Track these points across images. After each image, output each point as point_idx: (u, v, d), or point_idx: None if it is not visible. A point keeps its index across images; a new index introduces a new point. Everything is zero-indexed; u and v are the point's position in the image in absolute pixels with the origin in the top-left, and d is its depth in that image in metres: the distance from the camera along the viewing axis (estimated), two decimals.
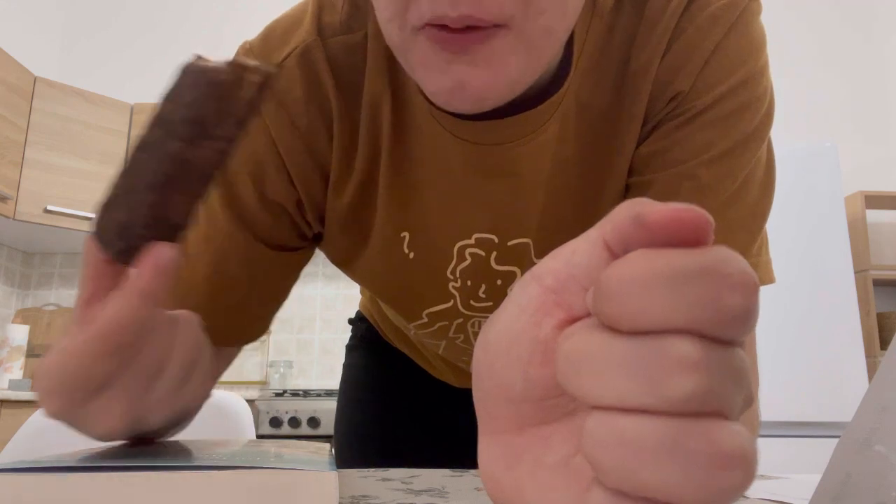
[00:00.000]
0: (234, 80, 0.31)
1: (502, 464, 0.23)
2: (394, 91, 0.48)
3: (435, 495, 0.39)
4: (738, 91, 0.45)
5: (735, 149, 0.46)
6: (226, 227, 0.51)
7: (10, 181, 2.53)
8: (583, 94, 0.48)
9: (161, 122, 0.31)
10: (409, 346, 0.81)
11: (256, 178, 0.50)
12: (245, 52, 0.50)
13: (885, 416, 0.24)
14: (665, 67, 0.46)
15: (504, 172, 0.49)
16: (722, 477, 0.15)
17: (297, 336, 3.07)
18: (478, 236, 0.52)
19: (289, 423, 2.36)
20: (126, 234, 0.33)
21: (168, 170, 0.31)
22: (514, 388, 0.22)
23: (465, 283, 0.55)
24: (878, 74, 3.27)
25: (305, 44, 0.48)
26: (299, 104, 0.48)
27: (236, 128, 0.32)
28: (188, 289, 0.52)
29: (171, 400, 0.36)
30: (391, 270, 0.55)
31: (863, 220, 2.83)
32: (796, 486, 0.46)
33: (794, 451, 2.31)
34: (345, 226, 0.53)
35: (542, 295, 0.21)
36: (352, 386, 0.88)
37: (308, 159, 0.50)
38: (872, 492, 0.23)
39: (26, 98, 2.64)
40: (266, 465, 0.31)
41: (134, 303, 0.32)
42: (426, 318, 0.59)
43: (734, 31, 0.45)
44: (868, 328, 2.69)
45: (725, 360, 0.16)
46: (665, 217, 0.17)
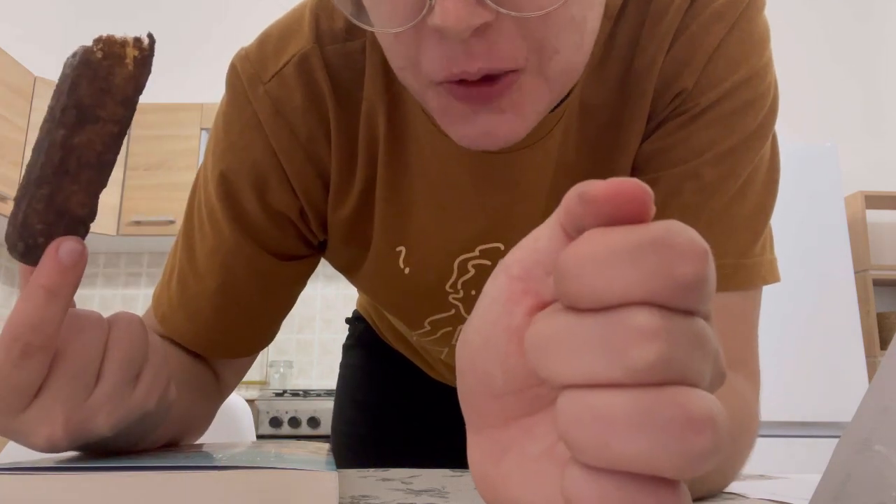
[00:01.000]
0: (109, 58, 0.30)
1: (490, 459, 0.23)
2: (390, 100, 0.48)
3: (435, 495, 0.39)
4: (742, 88, 0.45)
5: (738, 147, 0.45)
6: (231, 239, 0.50)
7: (10, 181, 2.53)
8: (586, 95, 0.47)
9: (48, 115, 0.31)
10: (407, 347, 0.81)
11: (258, 189, 0.49)
12: (241, 61, 0.49)
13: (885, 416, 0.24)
14: (668, 65, 0.46)
15: (508, 180, 0.49)
16: (691, 441, 0.16)
17: (297, 336, 3.07)
18: (482, 248, 0.51)
19: (289, 423, 2.36)
20: (25, 233, 0.31)
21: (56, 160, 0.30)
22: (496, 382, 0.22)
23: (468, 293, 0.54)
24: (878, 74, 3.27)
25: (303, 51, 0.47)
26: (298, 113, 0.48)
27: (122, 107, 0.31)
28: (197, 303, 0.52)
29: (118, 404, 0.34)
30: (389, 284, 0.55)
31: (863, 220, 2.83)
32: (796, 486, 0.46)
33: (794, 451, 2.31)
34: (346, 236, 0.52)
35: (510, 284, 0.22)
36: (349, 386, 0.88)
37: (309, 168, 0.49)
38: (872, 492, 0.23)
39: (26, 98, 2.64)
40: (266, 465, 0.31)
41: (38, 301, 0.31)
42: (429, 327, 0.59)
43: (737, 28, 0.45)
44: (868, 328, 2.69)
45: (686, 328, 0.17)
46: (605, 190, 0.18)
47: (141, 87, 0.31)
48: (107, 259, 3.19)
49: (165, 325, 0.53)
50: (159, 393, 0.37)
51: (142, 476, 0.29)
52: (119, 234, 2.81)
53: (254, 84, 0.48)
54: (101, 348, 0.34)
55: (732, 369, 0.44)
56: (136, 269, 3.19)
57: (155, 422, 0.39)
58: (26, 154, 2.59)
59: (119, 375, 0.34)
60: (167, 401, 0.39)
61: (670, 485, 0.17)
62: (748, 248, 0.46)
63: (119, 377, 0.34)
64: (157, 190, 2.81)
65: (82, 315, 0.34)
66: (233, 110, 0.49)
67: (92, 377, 0.33)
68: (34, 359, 0.31)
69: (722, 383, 0.18)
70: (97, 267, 3.18)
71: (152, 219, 2.80)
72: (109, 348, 0.34)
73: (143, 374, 0.36)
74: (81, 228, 0.32)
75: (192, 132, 2.87)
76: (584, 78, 0.47)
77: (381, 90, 0.47)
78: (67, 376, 0.33)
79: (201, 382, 0.54)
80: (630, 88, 0.47)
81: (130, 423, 0.36)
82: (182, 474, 0.29)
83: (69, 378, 0.33)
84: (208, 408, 0.56)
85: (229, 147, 0.49)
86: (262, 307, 0.54)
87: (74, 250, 0.31)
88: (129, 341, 0.35)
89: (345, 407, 0.87)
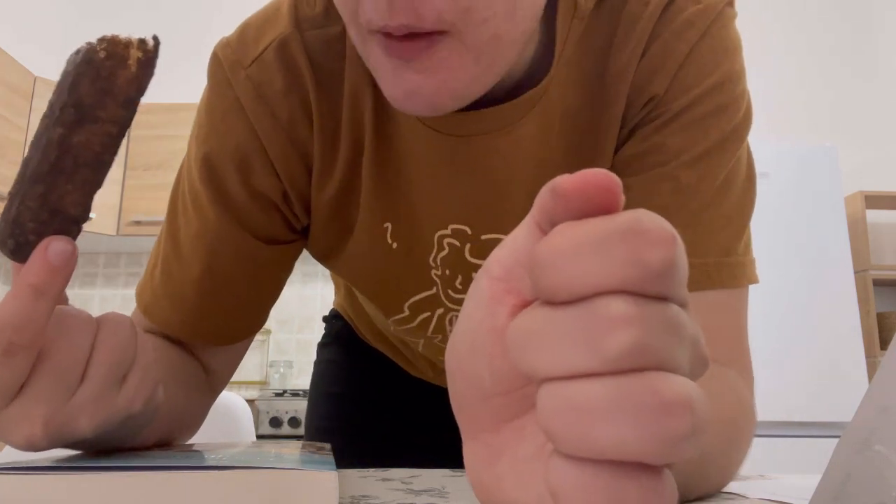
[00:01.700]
0: (112, 58, 0.29)
1: (484, 463, 0.23)
2: (374, 83, 0.48)
3: (435, 495, 0.39)
4: (714, 94, 0.46)
5: (714, 149, 0.46)
6: (216, 222, 0.50)
7: (10, 181, 2.53)
8: (565, 96, 0.48)
9: (48, 112, 0.30)
10: (385, 344, 0.80)
11: (242, 171, 0.50)
12: (222, 48, 0.50)
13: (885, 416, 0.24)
14: (641, 71, 0.47)
15: (477, 166, 0.49)
16: (668, 425, 0.16)
17: (297, 336, 3.07)
18: (453, 227, 0.52)
19: (289, 423, 2.37)
20: (16, 230, 0.31)
21: (52, 158, 0.30)
22: (484, 384, 0.22)
23: (444, 272, 0.55)
24: (878, 75, 3.27)
25: (283, 36, 0.48)
26: (279, 96, 0.49)
27: (123, 108, 0.30)
28: (183, 288, 0.52)
29: (101, 406, 0.34)
30: (375, 261, 0.55)
31: (863, 220, 2.83)
32: (796, 486, 0.46)
33: (794, 451, 2.31)
34: (329, 217, 0.53)
35: (491, 286, 0.22)
36: (324, 381, 0.87)
37: (291, 150, 0.50)
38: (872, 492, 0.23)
39: (26, 98, 2.64)
40: (266, 465, 0.31)
41: (25, 300, 0.30)
42: (407, 311, 0.59)
43: (708, 36, 0.46)
44: (868, 328, 2.69)
45: (659, 314, 0.17)
46: (576, 182, 0.18)
47: (143, 90, 0.31)
48: (107, 259, 3.19)
49: (150, 316, 0.53)
50: (145, 396, 0.36)
51: (142, 476, 0.29)
52: (119, 234, 2.81)
53: (235, 69, 0.49)
54: (88, 349, 0.33)
55: (724, 366, 0.44)
56: (136, 269, 3.19)
57: (140, 424, 0.39)
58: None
59: (104, 377, 0.34)
60: (154, 404, 0.38)
61: (653, 471, 0.17)
62: (730, 248, 0.47)
63: (104, 379, 0.34)
64: (157, 190, 2.81)
65: (70, 314, 0.33)
66: (215, 96, 0.50)
67: (76, 378, 0.33)
68: (17, 357, 0.31)
69: (705, 368, 0.18)
70: (97, 267, 3.18)
71: (152, 219, 2.80)
72: (96, 349, 0.34)
73: (129, 377, 0.35)
74: (74, 228, 0.32)
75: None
76: (562, 79, 0.48)
77: (365, 73, 0.48)
78: (51, 376, 0.32)
79: (190, 377, 0.54)
80: (605, 92, 0.48)
81: (114, 425, 0.35)
82: (182, 474, 0.29)
83: (52, 378, 0.32)
84: (200, 404, 0.56)
85: (212, 132, 0.50)
86: (248, 292, 0.54)
87: (64, 250, 0.31)
88: (116, 343, 0.34)
89: (319, 402, 0.86)
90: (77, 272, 3.15)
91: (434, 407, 0.75)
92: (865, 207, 2.84)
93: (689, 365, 0.18)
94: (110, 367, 0.34)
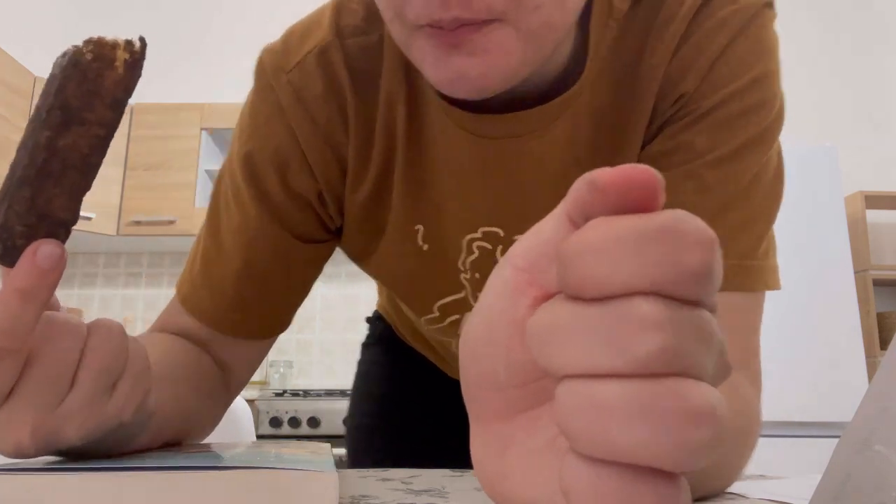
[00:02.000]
0: (99, 60, 0.29)
1: (492, 452, 0.23)
2: (409, 89, 0.50)
3: (435, 495, 0.40)
4: (745, 93, 0.46)
5: (741, 150, 0.46)
6: (256, 218, 0.53)
7: None
8: (596, 96, 0.48)
9: (35, 115, 0.30)
10: (424, 345, 0.82)
11: (281, 172, 0.52)
12: (267, 54, 0.52)
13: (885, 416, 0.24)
14: (673, 69, 0.47)
15: (508, 168, 0.50)
16: (691, 433, 0.15)
17: (297, 336, 3.07)
18: (484, 230, 0.53)
19: (289, 423, 2.37)
20: (4, 234, 0.30)
21: (40, 161, 0.29)
22: (499, 375, 0.22)
23: (473, 275, 0.56)
24: (878, 74, 3.27)
25: (324, 43, 0.51)
26: (318, 100, 0.51)
27: (110, 110, 0.30)
28: (221, 280, 0.54)
29: (90, 413, 0.33)
30: (406, 262, 0.56)
31: (863, 220, 2.83)
32: (796, 486, 0.46)
33: (794, 451, 2.31)
34: (362, 219, 0.55)
35: (514, 276, 0.21)
36: (364, 380, 0.89)
37: (328, 152, 0.52)
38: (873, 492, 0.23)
39: (26, 98, 2.64)
40: (266, 465, 0.31)
41: (12, 304, 0.30)
42: (437, 313, 0.60)
43: (743, 35, 0.46)
44: (868, 328, 2.69)
45: (690, 319, 0.16)
46: (616, 176, 0.17)
47: (130, 91, 0.31)
48: (107, 259, 3.19)
49: (187, 305, 0.55)
50: (135, 404, 0.36)
51: (142, 476, 0.29)
52: (119, 234, 2.80)
53: (277, 74, 0.51)
54: (77, 355, 0.33)
55: (734, 370, 0.43)
56: (136, 269, 3.19)
57: (131, 433, 0.38)
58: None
59: (93, 384, 0.33)
60: (145, 412, 0.38)
61: (669, 477, 0.16)
62: (751, 251, 0.46)
63: (93, 386, 0.33)
64: (157, 190, 2.81)
65: (60, 320, 0.33)
66: (258, 98, 0.53)
67: (65, 384, 0.32)
68: (4, 362, 0.30)
69: (727, 377, 0.18)
70: (97, 267, 3.18)
71: (152, 219, 2.80)
72: (85, 355, 0.33)
73: (119, 384, 0.35)
74: (62, 232, 0.32)
75: (192, 132, 2.87)
76: (594, 79, 0.48)
77: (401, 80, 0.50)
78: (39, 382, 0.32)
79: (205, 380, 0.54)
80: (635, 91, 0.48)
81: (103, 433, 0.35)
82: (182, 474, 0.29)
83: (41, 384, 0.32)
84: (213, 406, 0.56)
85: (255, 132, 0.53)
86: (282, 288, 0.56)
87: (53, 254, 0.31)
88: (106, 349, 0.34)
89: (360, 401, 0.88)
90: (77, 272, 3.16)
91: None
92: (865, 207, 2.84)
93: (714, 373, 0.17)
94: (100, 373, 0.33)
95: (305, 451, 0.42)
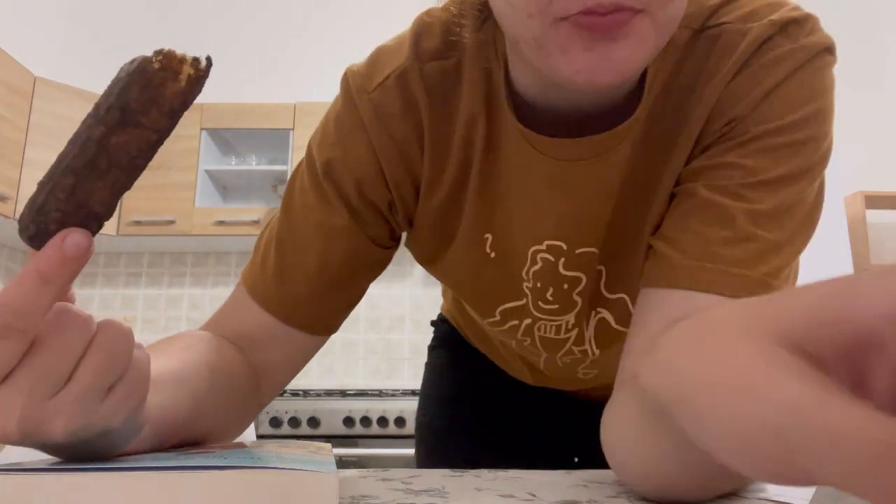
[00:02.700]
0: (165, 70, 0.31)
1: None
2: (488, 110, 0.55)
3: (435, 495, 0.40)
4: (797, 127, 0.48)
5: (784, 179, 0.47)
6: (338, 216, 0.57)
7: (10, 181, 2.53)
8: (653, 122, 0.52)
9: (94, 111, 0.31)
10: (488, 346, 0.85)
11: (358, 181, 0.57)
12: (352, 74, 0.57)
13: None
14: (726, 96, 0.50)
15: (573, 187, 0.55)
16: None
17: None
18: (548, 243, 0.58)
19: (289, 423, 2.37)
20: (39, 217, 0.31)
21: (89, 154, 0.31)
22: None
23: (535, 284, 0.60)
24: (878, 74, 3.27)
25: (404, 66, 0.55)
26: (396, 118, 0.56)
27: (166, 119, 0.32)
28: (293, 271, 0.58)
29: (80, 412, 0.33)
30: (473, 267, 0.61)
31: (863, 220, 2.83)
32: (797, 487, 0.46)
33: None
34: (433, 226, 0.60)
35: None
36: (431, 383, 0.94)
37: (401, 166, 0.57)
38: None
39: (26, 98, 2.64)
40: (266, 465, 0.31)
41: (29, 285, 0.30)
42: (498, 316, 0.64)
43: (801, 72, 0.48)
44: None
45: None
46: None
47: (188, 104, 0.32)
48: (107, 259, 3.19)
49: (255, 293, 0.59)
50: (128, 412, 0.35)
51: (142, 476, 0.29)
52: (119, 234, 2.81)
53: (360, 94, 0.56)
54: (81, 350, 0.33)
55: None
56: (136, 269, 3.19)
57: (118, 441, 0.37)
58: (26, 154, 2.59)
59: (90, 382, 0.33)
60: (136, 422, 0.37)
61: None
62: (775, 272, 0.47)
63: (89, 384, 0.33)
64: (157, 190, 2.81)
65: (70, 312, 0.33)
66: (344, 112, 0.58)
67: (62, 377, 0.32)
68: (10, 341, 0.30)
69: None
70: (97, 267, 3.19)
71: (152, 219, 2.80)
72: (88, 353, 0.33)
73: (115, 388, 0.34)
74: (95, 225, 0.33)
75: (192, 132, 2.87)
76: (651, 104, 0.52)
77: (482, 102, 0.55)
78: (37, 370, 0.31)
79: (235, 383, 0.54)
80: (688, 115, 0.52)
81: (90, 436, 0.34)
82: (182, 474, 0.29)
83: (38, 372, 0.31)
84: (240, 411, 0.57)
85: (338, 142, 0.57)
86: (348, 286, 0.60)
87: (80, 244, 0.31)
88: (110, 350, 0.33)
89: (426, 402, 0.93)
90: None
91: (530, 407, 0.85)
92: (865, 207, 2.84)
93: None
94: (99, 373, 0.33)
95: (305, 451, 0.42)
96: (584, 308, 0.62)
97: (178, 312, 3.13)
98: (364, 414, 2.38)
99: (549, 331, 0.64)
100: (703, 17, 0.51)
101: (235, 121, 2.91)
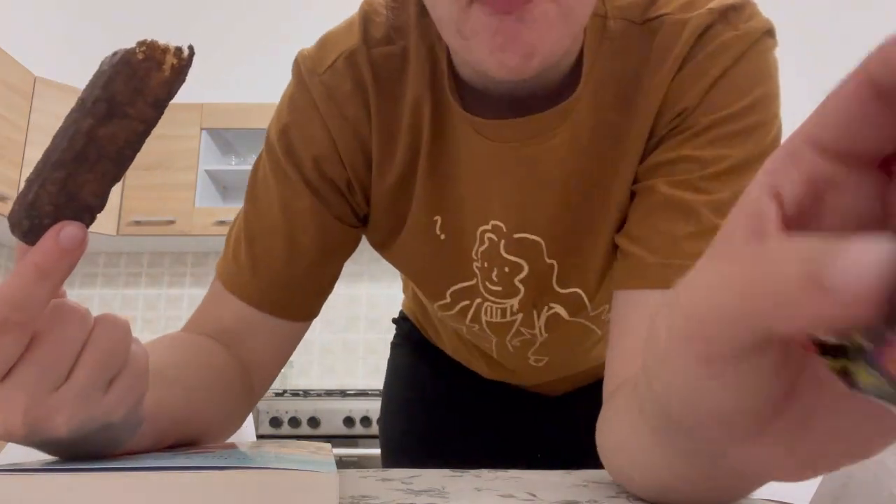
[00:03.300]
0: (149, 61, 0.31)
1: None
2: (433, 95, 0.56)
3: (435, 495, 0.40)
4: (745, 114, 0.48)
5: (739, 167, 0.48)
6: (298, 190, 0.58)
7: (10, 181, 2.53)
8: (596, 112, 0.53)
9: (78, 104, 0.32)
10: (445, 340, 0.86)
11: (316, 158, 0.58)
12: (303, 57, 0.59)
13: None
14: (674, 87, 0.51)
15: (514, 169, 0.56)
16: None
17: None
18: (493, 223, 0.59)
19: (289, 423, 2.37)
20: (32, 212, 0.31)
21: (77, 146, 0.31)
22: None
23: (483, 264, 0.61)
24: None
25: (352, 49, 0.57)
26: (347, 97, 0.57)
27: (152, 109, 0.32)
28: (265, 255, 0.58)
29: (81, 406, 0.33)
30: (424, 249, 0.62)
31: None
32: (796, 487, 0.46)
33: None
34: (387, 209, 0.61)
35: None
36: (393, 381, 0.95)
37: (355, 145, 0.58)
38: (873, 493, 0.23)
39: (26, 98, 2.64)
40: (266, 465, 0.31)
41: (27, 279, 0.30)
42: (449, 298, 0.65)
43: (745, 59, 0.49)
44: None
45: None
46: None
47: (173, 94, 0.33)
48: (107, 259, 3.19)
49: (230, 285, 0.59)
50: (128, 406, 0.36)
51: (142, 476, 0.29)
52: (119, 234, 2.81)
53: (311, 75, 0.58)
54: (80, 344, 0.33)
55: None
56: (136, 269, 3.19)
57: (120, 436, 0.37)
58: (26, 154, 2.59)
59: (90, 377, 0.33)
60: (136, 417, 0.37)
61: None
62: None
63: (90, 378, 0.33)
64: (157, 190, 2.81)
65: (68, 306, 0.33)
66: (297, 94, 0.59)
67: (62, 372, 0.32)
68: (9, 336, 0.30)
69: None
70: (97, 267, 3.19)
71: (152, 219, 2.80)
72: (87, 347, 0.33)
73: (116, 382, 0.35)
74: (88, 217, 0.33)
75: (192, 132, 2.87)
76: (593, 93, 0.53)
77: (426, 87, 0.56)
78: (38, 365, 0.32)
79: (225, 381, 0.54)
80: (635, 109, 0.52)
81: (92, 431, 0.34)
82: (182, 475, 0.29)
83: (39, 367, 0.32)
84: (233, 408, 0.56)
85: (293, 123, 0.59)
86: (320, 265, 0.60)
87: (76, 236, 0.31)
88: (109, 344, 0.33)
89: (389, 403, 0.94)
90: (77, 272, 3.16)
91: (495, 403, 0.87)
92: None
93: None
94: (99, 367, 0.33)
95: (306, 451, 0.42)
96: (529, 298, 0.63)
97: (178, 312, 3.13)
98: (364, 414, 2.38)
99: (496, 314, 0.66)
100: (641, 8, 0.52)
101: (235, 121, 2.91)
